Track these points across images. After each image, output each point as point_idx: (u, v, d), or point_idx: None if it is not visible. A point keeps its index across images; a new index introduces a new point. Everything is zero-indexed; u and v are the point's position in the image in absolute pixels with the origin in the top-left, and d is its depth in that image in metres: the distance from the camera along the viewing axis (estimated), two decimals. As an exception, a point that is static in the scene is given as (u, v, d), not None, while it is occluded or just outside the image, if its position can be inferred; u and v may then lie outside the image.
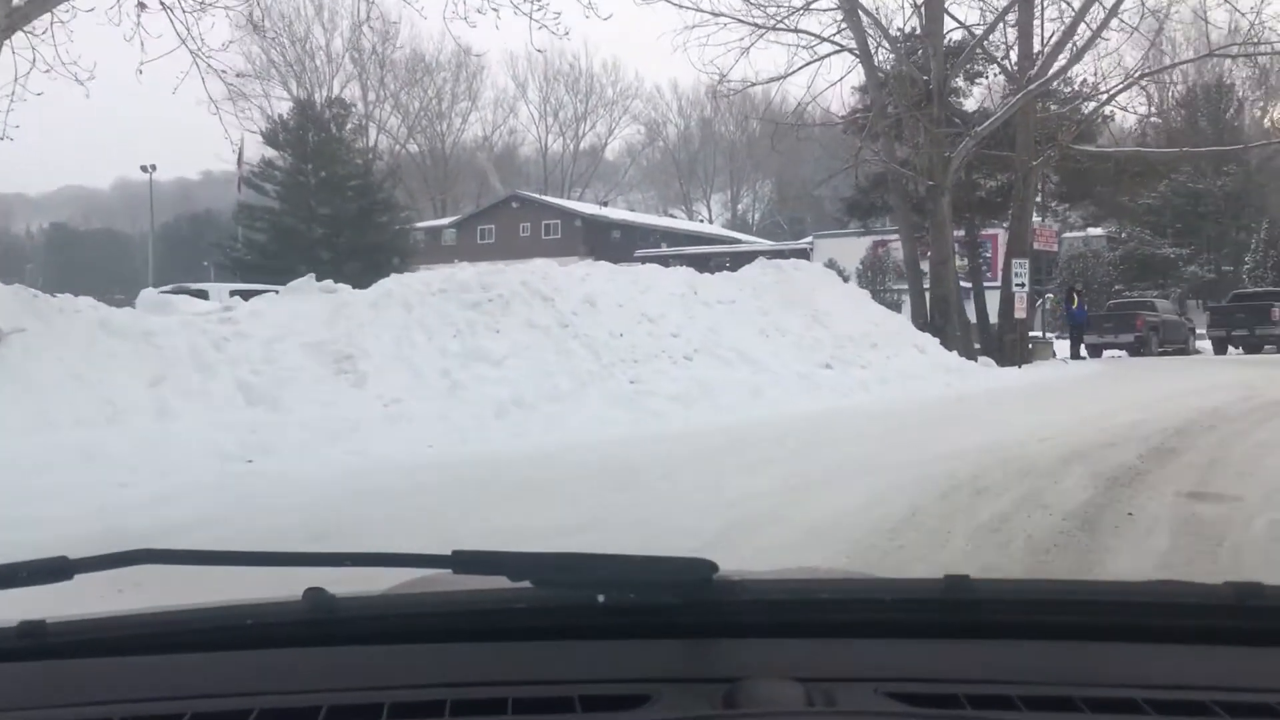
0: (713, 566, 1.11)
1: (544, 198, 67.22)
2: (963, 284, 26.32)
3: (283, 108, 44.41)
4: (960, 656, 1.11)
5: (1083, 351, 25.67)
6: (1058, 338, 29.04)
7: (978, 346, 21.47)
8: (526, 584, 1.11)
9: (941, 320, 18.94)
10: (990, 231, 39.78)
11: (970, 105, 23.45)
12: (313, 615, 1.15)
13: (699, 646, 1.12)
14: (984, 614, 1.16)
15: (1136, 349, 29.40)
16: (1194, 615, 1.16)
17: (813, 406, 12.21)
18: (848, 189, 26.69)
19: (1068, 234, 42.74)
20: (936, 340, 17.11)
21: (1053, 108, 22.18)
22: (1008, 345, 19.90)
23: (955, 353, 17.21)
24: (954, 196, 22.27)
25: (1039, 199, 22.07)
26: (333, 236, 36.59)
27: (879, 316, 16.85)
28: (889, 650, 1.11)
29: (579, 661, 1.10)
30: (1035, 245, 20.56)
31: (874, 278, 45.65)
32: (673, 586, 1.13)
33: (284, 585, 1.28)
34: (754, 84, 21.75)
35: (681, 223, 76.12)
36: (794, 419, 11.15)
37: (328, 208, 36.82)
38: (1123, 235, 47.98)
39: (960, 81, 23.49)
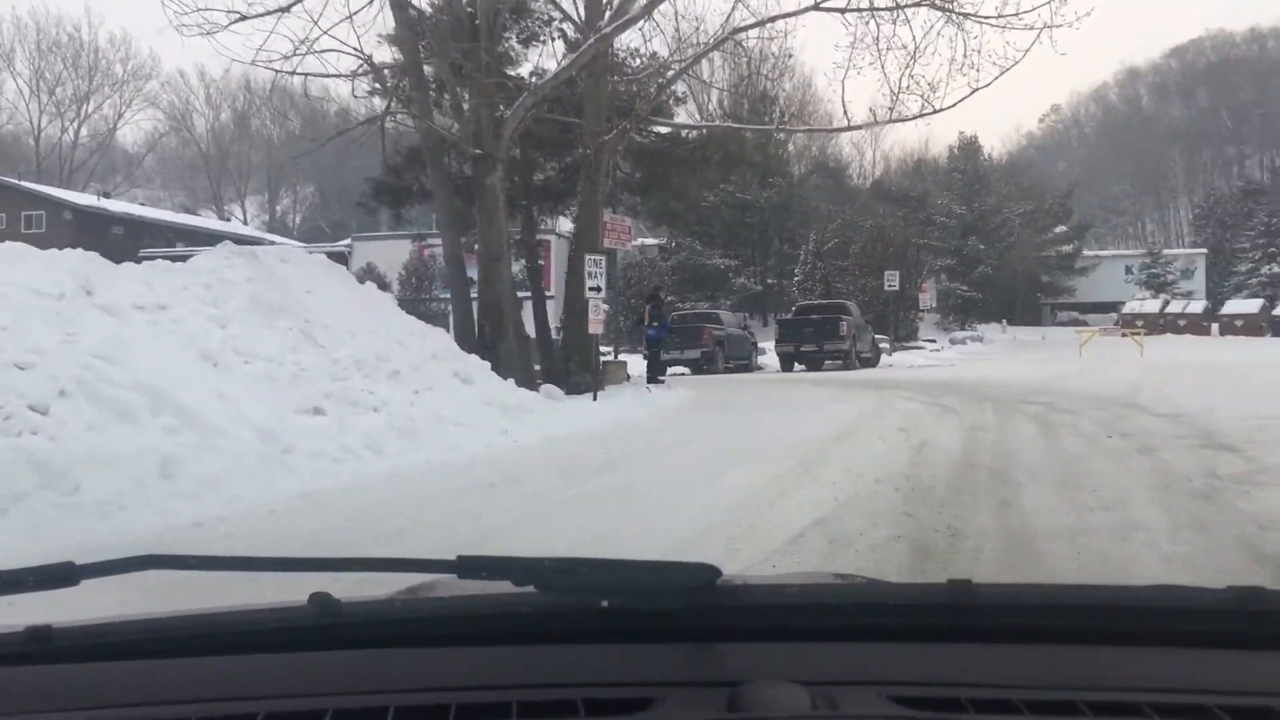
0: (716, 571, 1.11)
1: (23, 184, 55.77)
2: (520, 294, 21.96)
3: None
4: (963, 660, 1.10)
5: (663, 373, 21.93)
6: (616, 353, 25.21)
7: (538, 368, 17.06)
8: (530, 588, 1.11)
9: (494, 337, 14.22)
10: (543, 237, 36.27)
11: (526, 71, 19.00)
12: (318, 620, 1.15)
13: (702, 650, 1.11)
14: (987, 618, 1.17)
15: (702, 366, 26.57)
16: (1196, 620, 1.16)
17: (276, 492, 6.97)
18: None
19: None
20: (487, 365, 12.34)
21: (621, 87, 18.28)
22: (577, 369, 15.54)
23: (512, 381, 12.53)
24: (510, 182, 17.74)
25: (609, 184, 18.01)
26: None
27: (406, 331, 11.78)
28: (892, 654, 1.12)
29: (583, 665, 1.09)
30: (606, 241, 16.45)
31: (419, 285, 40.78)
32: (676, 591, 1.13)
33: (289, 590, 1.27)
34: (243, 16, 15.85)
35: (208, 222, 67.52)
36: (223, 539, 5.82)
37: None
38: (674, 245, 46.65)
39: (515, 43, 19.08)
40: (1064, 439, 9.50)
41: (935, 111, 14.91)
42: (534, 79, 17.03)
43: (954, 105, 14.98)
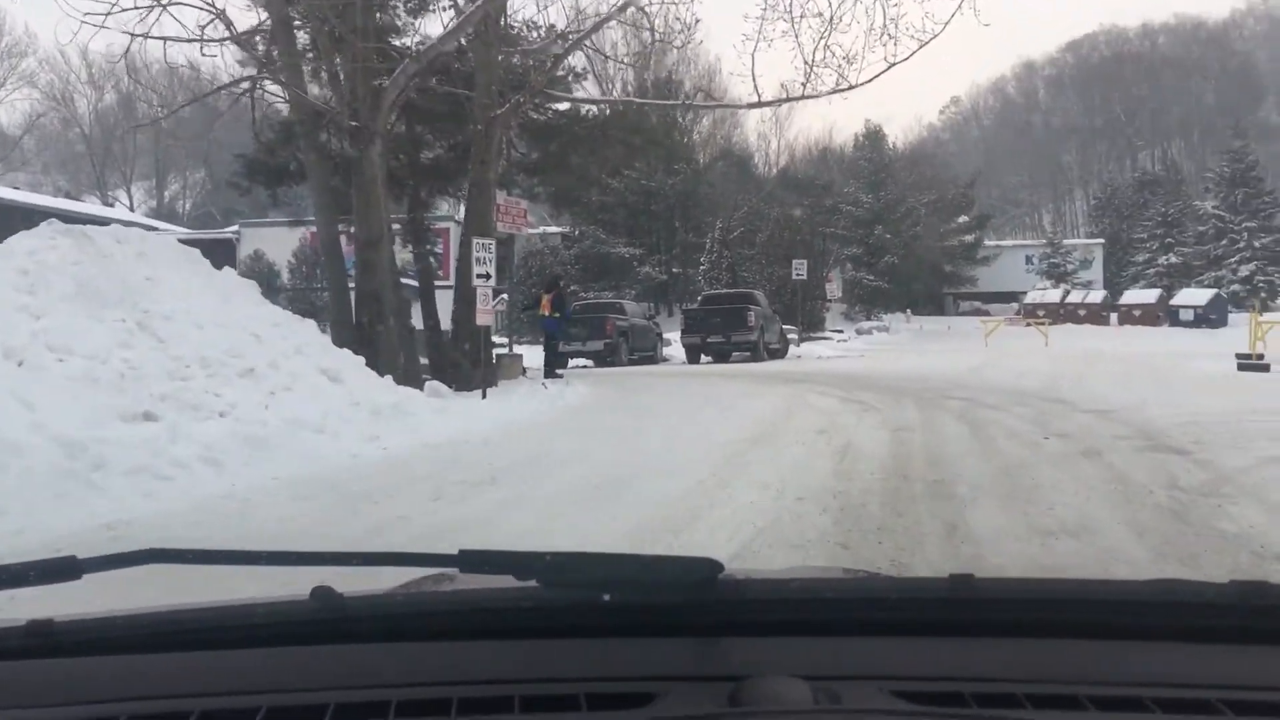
0: (718, 566, 1.09)
1: (-120, 164, 52.24)
2: (408, 281, 20.53)
3: None
4: (966, 655, 1.08)
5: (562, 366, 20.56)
6: (513, 345, 23.80)
7: (425, 362, 15.74)
8: (532, 583, 1.10)
9: (372, 329, 12.89)
10: (442, 224, 34.67)
11: (414, 42, 17.56)
12: (320, 614, 1.13)
13: (705, 645, 1.10)
14: (989, 612, 1.14)
15: (605, 358, 25.45)
16: (1199, 614, 1.13)
17: (73, 522, 5.71)
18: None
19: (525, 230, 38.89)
20: (361, 360, 11.04)
21: (515, 60, 17.00)
22: (467, 364, 14.27)
23: (390, 378, 11.24)
24: (395, 160, 16.34)
25: (503, 165, 16.70)
26: None
27: (267, 323, 10.40)
28: (895, 648, 1.10)
29: (585, 660, 1.08)
30: (500, 226, 15.18)
31: (309, 273, 38.85)
32: (678, 585, 1.12)
33: (291, 584, 1.24)
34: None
35: (91, 208, 63.99)
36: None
37: None
38: (577, 233, 45.44)
39: (402, 11, 17.67)
40: (999, 441, 8.61)
41: (851, 87, 13.99)
42: (419, 47, 15.65)
43: (870, 80, 14.10)
